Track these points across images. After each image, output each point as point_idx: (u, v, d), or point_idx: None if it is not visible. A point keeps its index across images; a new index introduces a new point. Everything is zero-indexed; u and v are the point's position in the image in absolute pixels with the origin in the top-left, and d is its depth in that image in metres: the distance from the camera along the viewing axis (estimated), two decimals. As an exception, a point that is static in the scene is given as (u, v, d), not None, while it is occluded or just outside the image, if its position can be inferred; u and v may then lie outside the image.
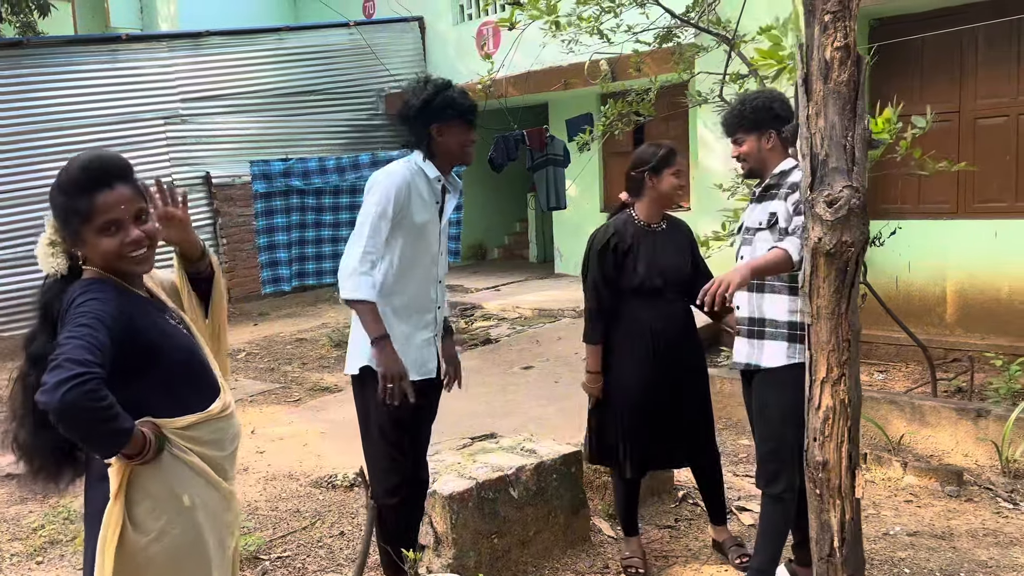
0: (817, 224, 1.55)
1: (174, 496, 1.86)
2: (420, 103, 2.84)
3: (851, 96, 1.56)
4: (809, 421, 1.61)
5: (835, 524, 1.56)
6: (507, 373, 6.54)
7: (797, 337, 2.80)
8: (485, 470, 3.37)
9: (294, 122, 11.25)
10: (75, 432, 1.68)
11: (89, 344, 1.67)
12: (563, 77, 9.66)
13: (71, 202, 1.82)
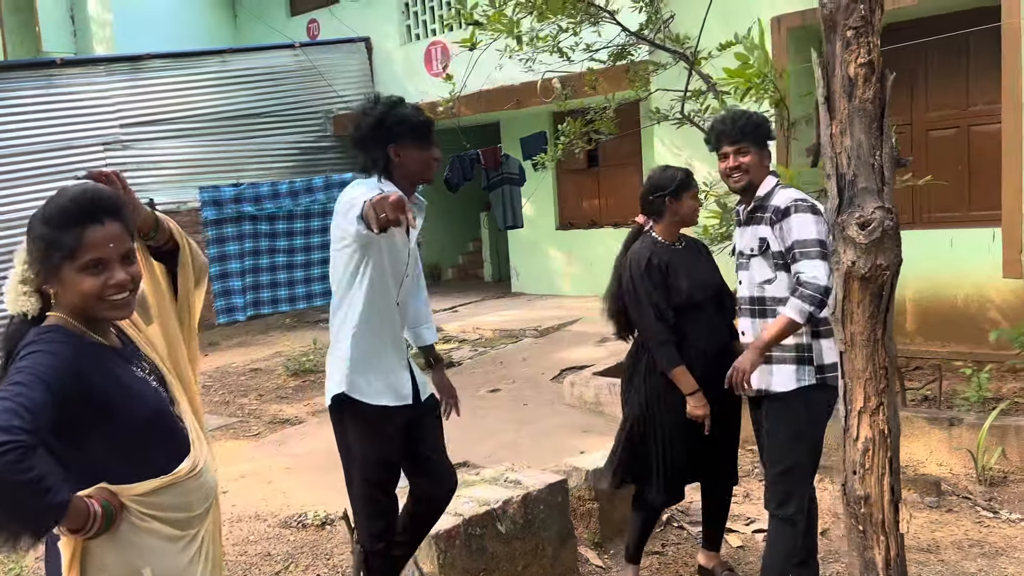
0: (850, 248, 1.48)
1: (133, 571, 1.68)
2: (373, 123, 2.67)
3: (877, 114, 1.51)
4: (847, 454, 1.54)
5: (880, 562, 1.48)
6: (474, 397, 6.40)
7: (804, 359, 2.80)
8: (471, 504, 3.24)
9: (240, 146, 10.99)
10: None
11: (18, 406, 1.48)
12: (515, 96, 9.65)
13: (55, 235, 1.65)
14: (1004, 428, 4.33)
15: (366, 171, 2.80)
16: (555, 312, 9.24)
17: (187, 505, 1.77)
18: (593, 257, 10.36)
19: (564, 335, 8.24)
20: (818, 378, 2.82)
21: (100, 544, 1.64)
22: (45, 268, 1.68)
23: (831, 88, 1.55)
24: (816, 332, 2.81)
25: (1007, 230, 5.25)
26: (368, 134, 2.70)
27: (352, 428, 2.78)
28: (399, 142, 2.68)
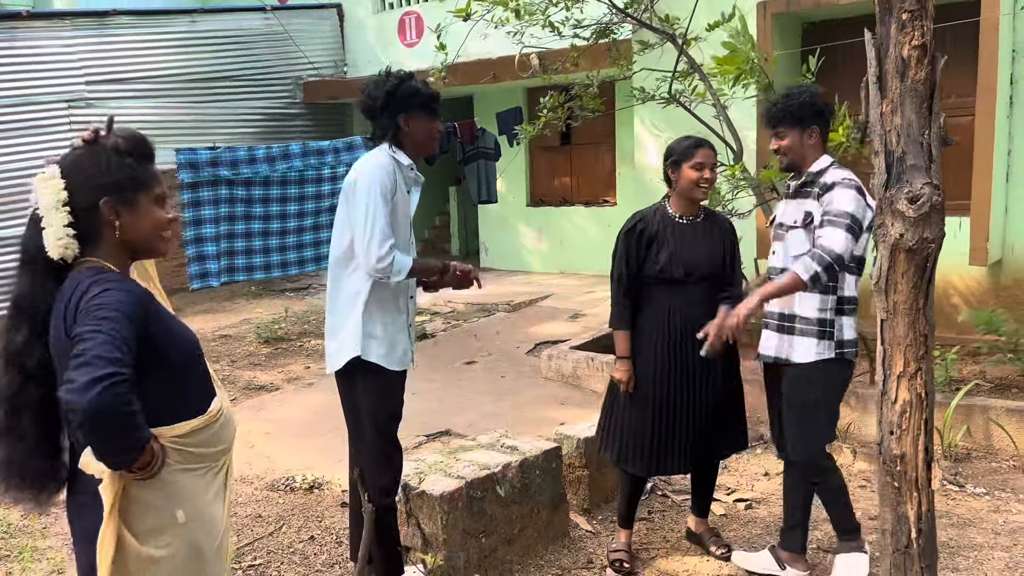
0: (898, 220, 1.57)
1: (169, 512, 1.72)
2: (384, 95, 2.85)
3: (927, 94, 1.59)
4: (884, 415, 1.63)
5: (912, 516, 1.58)
6: (450, 369, 6.45)
7: (826, 334, 2.92)
8: (472, 468, 3.30)
9: (207, 109, 10.78)
10: (98, 437, 1.53)
11: (116, 340, 1.53)
12: (492, 69, 9.63)
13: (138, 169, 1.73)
14: (969, 407, 4.53)
15: (375, 139, 2.97)
16: (526, 288, 9.31)
17: (217, 441, 1.82)
18: (563, 235, 10.45)
19: (536, 310, 8.32)
20: (837, 352, 2.94)
21: (140, 488, 1.67)
22: (122, 200, 1.71)
23: (883, 68, 1.62)
24: (840, 310, 2.94)
25: (975, 219, 5.46)
26: (380, 104, 2.86)
27: (365, 390, 2.88)
28: (409, 112, 2.86)
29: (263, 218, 7.18)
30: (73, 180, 1.69)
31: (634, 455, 3.21)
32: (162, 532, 1.70)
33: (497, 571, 3.29)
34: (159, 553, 1.69)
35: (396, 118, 2.85)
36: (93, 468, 1.63)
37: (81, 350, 1.51)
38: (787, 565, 3.13)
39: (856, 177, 2.93)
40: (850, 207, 2.80)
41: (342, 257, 2.88)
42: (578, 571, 3.35)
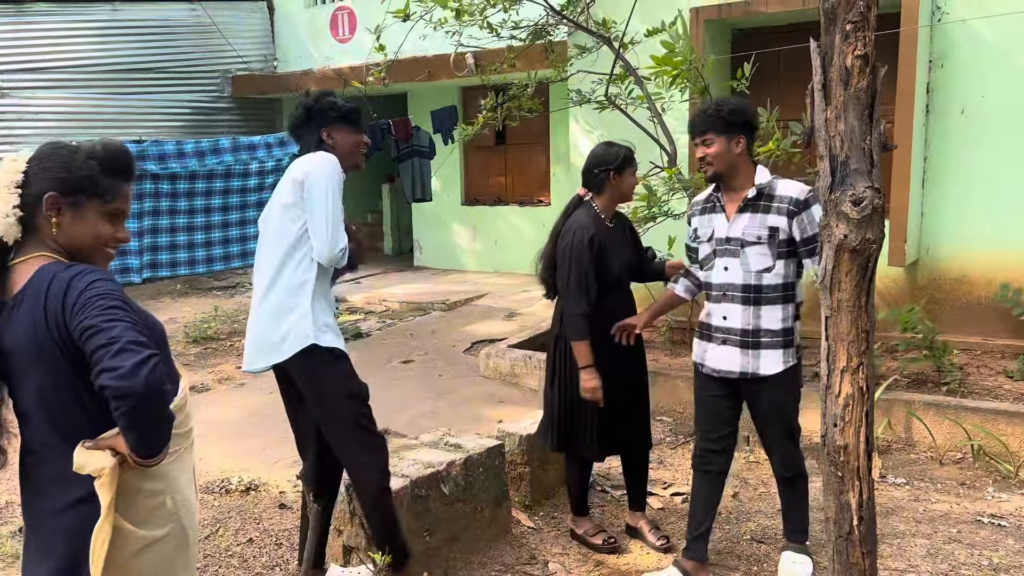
0: (842, 222, 1.64)
1: (160, 501, 1.74)
2: (303, 111, 2.95)
3: (869, 102, 1.67)
4: (828, 408, 1.71)
5: (854, 504, 1.66)
6: (387, 368, 6.41)
7: (789, 342, 2.99)
8: (416, 467, 3.30)
9: (131, 101, 10.45)
10: (147, 422, 1.54)
11: (136, 326, 1.56)
12: (427, 68, 9.60)
13: (100, 177, 1.72)
14: (889, 402, 4.75)
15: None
16: (461, 287, 9.31)
17: (187, 421, 1.85)
18: (497, 234, 10.49)
19: (472, 309, 8.33)
20: (797, 356, 3.03)
21: (137, 478, 1.68)
22: (67, 200, 1.70)
23: (828, 76, 1.69)
24: (797, 315, 3.03)
25: (894, 222, 5.71)
26: (302, 121, 2.96)
27: (330, 375, 2.85)
28: (330, 126, 2.94)
29: (188, 213, 7.00)
30: (33, 166, 1.69)
31: (592, 441, 3.37)
32: (158, 516, 1.72)
33: (441, 569, 3.29)
34: (158, 533, 1.71)
35: (318, 132, 2.92)
36: (90, 467, 1.60)
37: (110, 338, 1.51)
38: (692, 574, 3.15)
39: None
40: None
41: (290, 246, 2.84)
42: (521, 567, 3.38)
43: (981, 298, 5.87)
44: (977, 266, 5.89)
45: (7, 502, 4.10)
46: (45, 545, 1.71)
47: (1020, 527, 3.67)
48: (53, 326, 1.60)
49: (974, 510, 3.87)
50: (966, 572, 3.28)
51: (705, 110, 2.98)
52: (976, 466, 4.38)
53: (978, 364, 5.61)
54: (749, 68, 4.52)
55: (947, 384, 5.07)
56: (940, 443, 4.54)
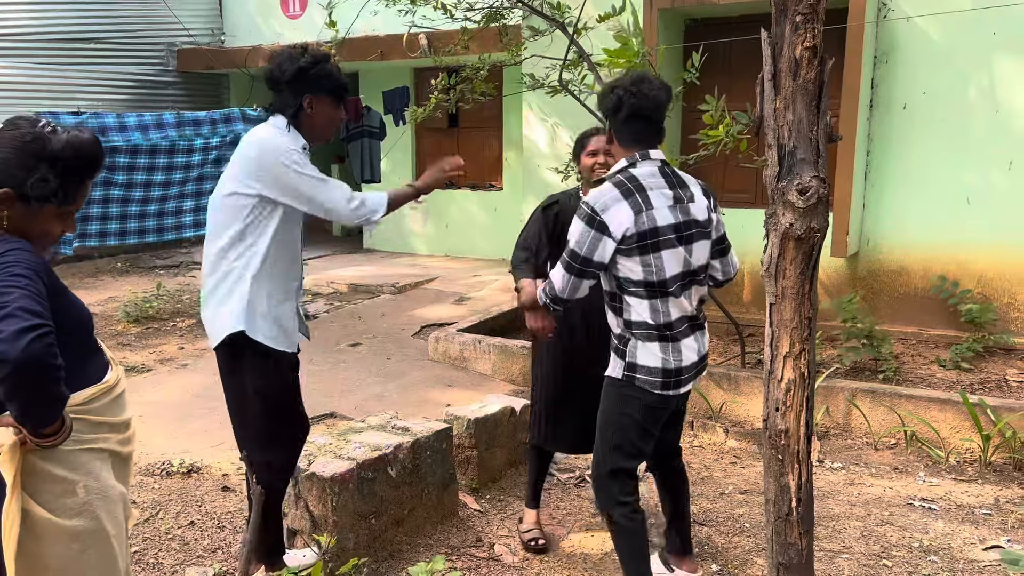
0: (788, 211, 1.67)
1: (69, 488, 1.69)
2: (296, 70, 2.73)
3: (816, 93, 1.70)
4: (770, 393, 1.74)
5: (793, 486, 1.70)
6: (334, 351, 6.35)
7: (620, 352, 2.68)
8: (362, 450, 3.27)
9: (69, 72, 10.09)
10: (25, 392, 1.48)
11: (35, 296, 1.50)
12: (379, 47, 9.46)
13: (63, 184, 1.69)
14: (829, 389, 4.87)
15: (273, 112, 2.85)
16: (411, 270, 9.25)
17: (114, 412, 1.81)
18: (448, 218, 10.44)
19: (422, 293, 8.29)
20: (626, 375, 2.66)
21: (44, 460, 1.64)
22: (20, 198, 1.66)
23: (777, 67, 1.72)
24: (632, 333, 2.64)
25: (837, 214, 5.84)
26: (288, 79, 2.75)
27: (251, 368, 2.78)
28: (316, 95, 2.76)
29: (125, 186, 6.80)
30: None
31: (543, 426, 3.36)
32: (71, 504, 1.67)
33: (387, 552, 3.28)
34: (71, 524, 1.67)
35: (301, 97, 2.74)
36: None
37: (1, 303, 1.46)
38: (675, 567, 3.14)
39: (618, 189, 2.57)
40: (572, 241, 2.60)
41: (237, 231, 2.75)
42: (467, 549, 3.40)
43: (918, 289, 6.06)
44: (914, 258, 6.07)
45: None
46: None
47: (949, 511, 3.81)
48: None
49: (906, 494, 4.00)
50: (897, 554, 3.40)
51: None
52: (909, 452, 4.53)
53: (913, 353, 5.80)
54: (698, 58, 4.56)
55: (883, 372, 5.23)
56: (875, 429, 4.69)
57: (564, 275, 2.63)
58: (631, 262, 2.56)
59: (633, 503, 2.72)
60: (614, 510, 2.71)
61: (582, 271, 2.60)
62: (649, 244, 2.54)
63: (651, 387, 2.61)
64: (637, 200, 2.54)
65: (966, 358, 5.44)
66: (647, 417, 2.67)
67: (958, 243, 5.88)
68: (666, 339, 2.60)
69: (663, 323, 2.60)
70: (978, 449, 4.35)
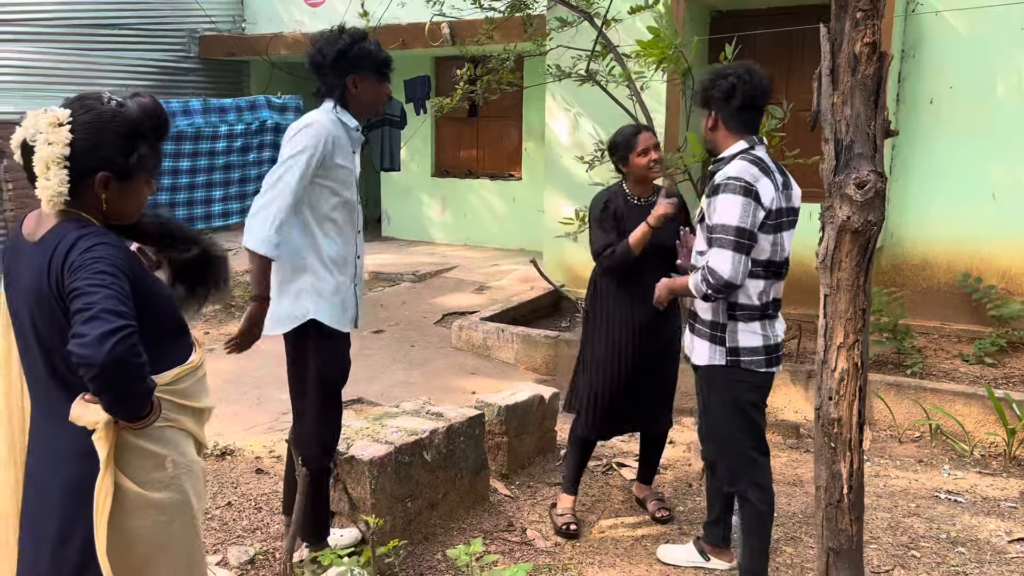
0: (845, 204, 1.70)
1: (159, 462, 1.75)
2: (336, 53, 2.77)
3: (875, 88, 1.73)
4: (823, 382, 1.78)
5: (845, 473, 1.75)
6: (358, 338, 6.35)
7: (717, 339, 2.75)
8: (399, 434, 3.33)
9: (93, 58, 10.15)
10: (112, 389, 1.55)
11: (119, 295, 1.55)
12: (401, 36, 9.49)
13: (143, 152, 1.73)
14: (853, 381, 4.90)
15: (321, 96, 2.90)
16: (430, 259, 9.30)
17: (198, 394, 1.85)
18: (467, 207, 10.47)
19: (442, 281, 8.34)
20: (730, 360, 2.74)
21: (135, 436, 1.69)
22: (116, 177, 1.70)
23: (836, 62, 1.75)
24: (732, 315, 2.73)
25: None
26: (329, 62, 2.79)
27: (316, 351, 2.87)
28: (360, 73, 2.80)
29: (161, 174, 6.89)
30: (81, 141, 1.66)
31: (590, 421, 3.40)
32: (160, 477, 1.73)
33: (421, 534, 3.34)
34: (159, 496, 1.72)
35: (345, 78, 2.78)
36: (85, 420, 1.62)
37: (86, 304, 1.51)
38: (711, 556, 3.19)
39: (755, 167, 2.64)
40: (734, 219, 2.58)
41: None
42: (499, 533, 3.45)
43: (941, 284, 6.07)
44: (938, 253, 6.07)
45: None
46: (44, 498, 1.71)
47: (975, 503, 3.84)
48: (54, 281, 1.63)
49: (931, 486, 4.04)
50: (925, 544, 3.43)
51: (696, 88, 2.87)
52: (933, 445, 4.56)
53: (936, 347, 5.81)
54: (731, 50, 4.56)
55: (909, 367, 5.24)
56: (900, 422, 4.72)
57: (735, 257, 2.59)
58: (764, 239, 2.64)
59: (768, 484, 2.85)
60: (749, 491, 2.82)
61: (749, 247, 2.61)
62: (782, 223, 2.67)
63: (757, 367, 2.73)
64: (774, 178, 2.66)
65: (990, 353, 5.46)
66: (759, 397, 2.81)
67: (982, 238, 5.88)
68: (766, 317, 2.73)
69: (768, 301, 2.73)
70: (1003, 443, 4.38)
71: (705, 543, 3.20)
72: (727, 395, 2.80)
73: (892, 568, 3.23)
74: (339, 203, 2.86)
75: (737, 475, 2.86)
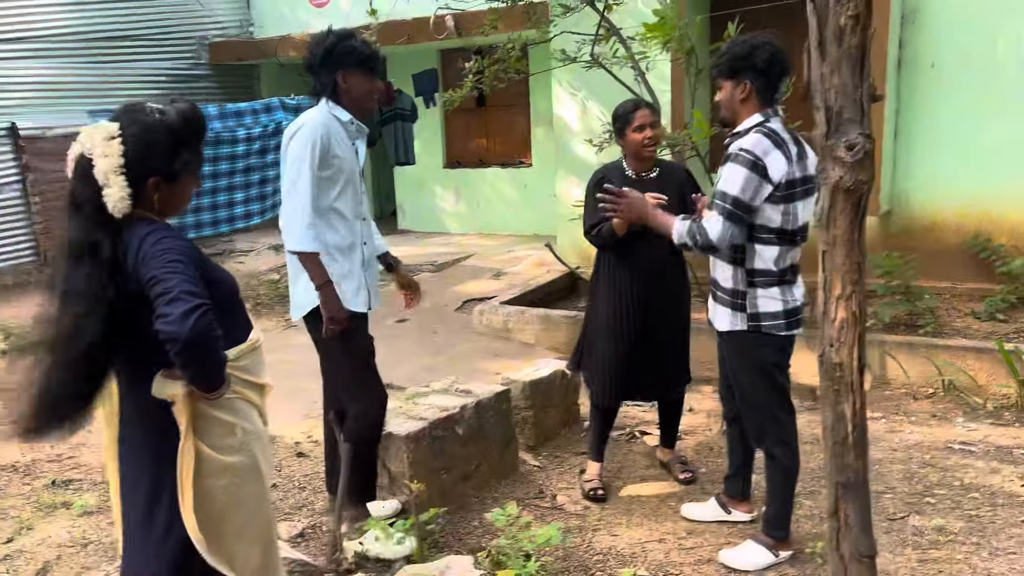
0: (837, 166, 1.85)
1: (230, 430, 1.95)
2: (323, 52, 2.98)
3: (860, 58, 1.87)
4: (825, 332, 1.94)
5: (848, 413, 1.90)
6: (382, 326, 6.56)
7: (738, 306, 2.87)
8: (432, 410, 3.51)
9: (107, 69, 10.37)
10: (196, 362, 1.75)
11: (192, 277, 1.75)
12: (406, 31, 9.63)
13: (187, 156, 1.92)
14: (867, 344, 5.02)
15: (315, 95, 3.11)
16: (446, 249, 9.48)
17: (258, 370, 2.06)
18: (480, 196, 10.63)
19: (459, 270, 8.52)
20: (751, 325, 2.86)
21: (210, 406, 1.89)
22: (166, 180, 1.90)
23: (823, 35, 1.89)
24: (751, 282, 2.85)
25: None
26: (318, 61, 3.00)
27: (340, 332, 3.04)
28: (346, 70, 3.00)
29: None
30: (131, 151, 1.85)
31: (604, 389, 3.55)
32: (232, 443, 1.93)
33: (456, 504, 3.52)
34: (232, 459, 1.92)
35: (334, 75, 2.98)
36: (165, 393, 1.80)
37: (166, 288, 1.70)
38: (732, 509, 3.37)
39: (767, 139, 2.72)
40: (734, 189, 2.70)
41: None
42: (531, 500, 3.63)
43: (950, 245, 6.17)
44: (946, 214, 6.18)
45: (33, 460, 4.27)
46: (139, 465, 1.91)
47: (988, 452, 3.98)
48: (132, 274, 1.82)
49: (945, 438, 4.17)
50: (939, 491, 3.58)
51: (719, 53, 2.88)
52: (947, 399, 4.69)
53: (948, 307, 5.92)
54: (734, 28, 4.67)
55: (921, 327, 5.36)
56: (913, 380, 4.85)
57: (725, 224, 2.71)
58: (773, 210, 2.75)
59: (793, 442, 3.00)
60: (775, 448, 2.97)
61: (742, 218, 2.73)
62: (795, 193, 2.76)
63: (777, 330, 2.85)
64: (787, 150, 2.73)
65: (1001, 309, 5.56)
66: (782, 358, 2.94)
67: (989, 197, 5.97)
68: (784, 283, 2.85)
69: (785, 267, 2.83)
70: (1015, 395, 4.50)
71: (726, 496, 3.37)
72: (750, 359, 2.94)
73: (908, 514, 3.39)
74: (341, 193, 3.05)
75: (763, 434, 3.00)
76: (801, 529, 3.30)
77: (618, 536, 3.32)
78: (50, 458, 4.31)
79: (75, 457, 4.31)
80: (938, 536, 3.22)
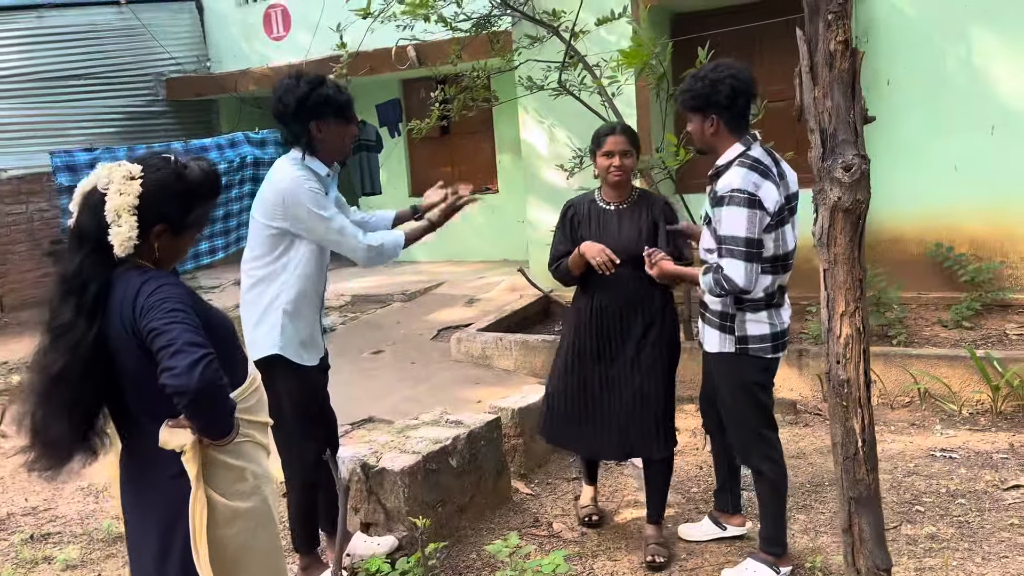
0: (835, 186, 1.90)
1: (240, 475, 1.92)
2: (295, 102, 2.84)
3: (851, 81, 1.93)
4: (831, 348, 1.97)
5: (858, 428, 1.93)
6: (359, 359, 6.54)
7: (727, 328, 2.89)
8: (424, 443, 3.48)
9: (61, 109, 10.22)
10: (205, 413, 1.72)
11: (194, 327, 1.73)
12: (369, 62, 9.64)
13: (198, 212, 1.93)
14: (842, 356, 5.12)
15: (286, 144, 3.00)
16: (416, 277, 9.45)
17: (259, 409, 2.03)
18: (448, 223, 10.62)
19: (432, 298, 8.49)
20: (739, 348, 2.88)
21: (219, 452, 1.87)
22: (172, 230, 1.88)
23: (814, 60, 1.95)
24: (740, 306, 2.87)
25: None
26: (291, 111, 2.86)
27: (284, 383, 2.97)
28: (321, 119, 2.89)
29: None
30: (148, 194, 1.84)
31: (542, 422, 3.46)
32: (243, 488, 1.90)
33: (454, 537, 3.49)
34: (245, 505, 1.89)
35: (308, 125, 2.86)
36: (173, 443, 1.76)
37: (169, 340, 1.67)
38: (726, 524, 3.39)
39: (754, 171, 2.73)
40: (742, 231, 2.70)
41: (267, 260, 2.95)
42: (527, 529, 3.61)
43: (914, 256, 6.33)
44: (910, 227, 6.34)
45: (8, 513, 4.13)
46: (146, 517, 1.86)
47: (969, 457, 4.06)
48: (128, 324, 1.80)
49: (926, 446, 4.25)
50: (927, 499, 3.64)
51: (683, 85, 2.88)
52: (924, 408, 4.79)
53: (915, 316, 6.06)
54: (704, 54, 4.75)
55: (893, 337, 5.48)
56: (890, 390, 4.94)
57: (747, 267, 2.71)
58: (766, 239, 2.76)
59: (778, 458, 3.03)
60: (763, 465, 3.00)
61: (759, 254, 2.73)
62: (783, 217, 2.80)
63: (763, 353, 2.89)
64: (774, 178, 2.76)
65: (966, 316, 5.71)
66: (767, 379, 2.98)
67: (949, 209, 6.15)
68: (772, 306, 2.89)
69: (773, 292, 2.86)
70: (988, 400, 4.61)
71: (718, 512, 3.40)
72: (737, 380, 2.98)
73: (899, 524, 3.44)
74: (314, 250, 2.96)
75: (749, 451, 3.04)
76: (798, 544, 3.33)
77: (618, 561, 3.31)
78: (25, 511, 4.17)
79: (51, 509, 4.18)
80: (931, 544, 3.27)
